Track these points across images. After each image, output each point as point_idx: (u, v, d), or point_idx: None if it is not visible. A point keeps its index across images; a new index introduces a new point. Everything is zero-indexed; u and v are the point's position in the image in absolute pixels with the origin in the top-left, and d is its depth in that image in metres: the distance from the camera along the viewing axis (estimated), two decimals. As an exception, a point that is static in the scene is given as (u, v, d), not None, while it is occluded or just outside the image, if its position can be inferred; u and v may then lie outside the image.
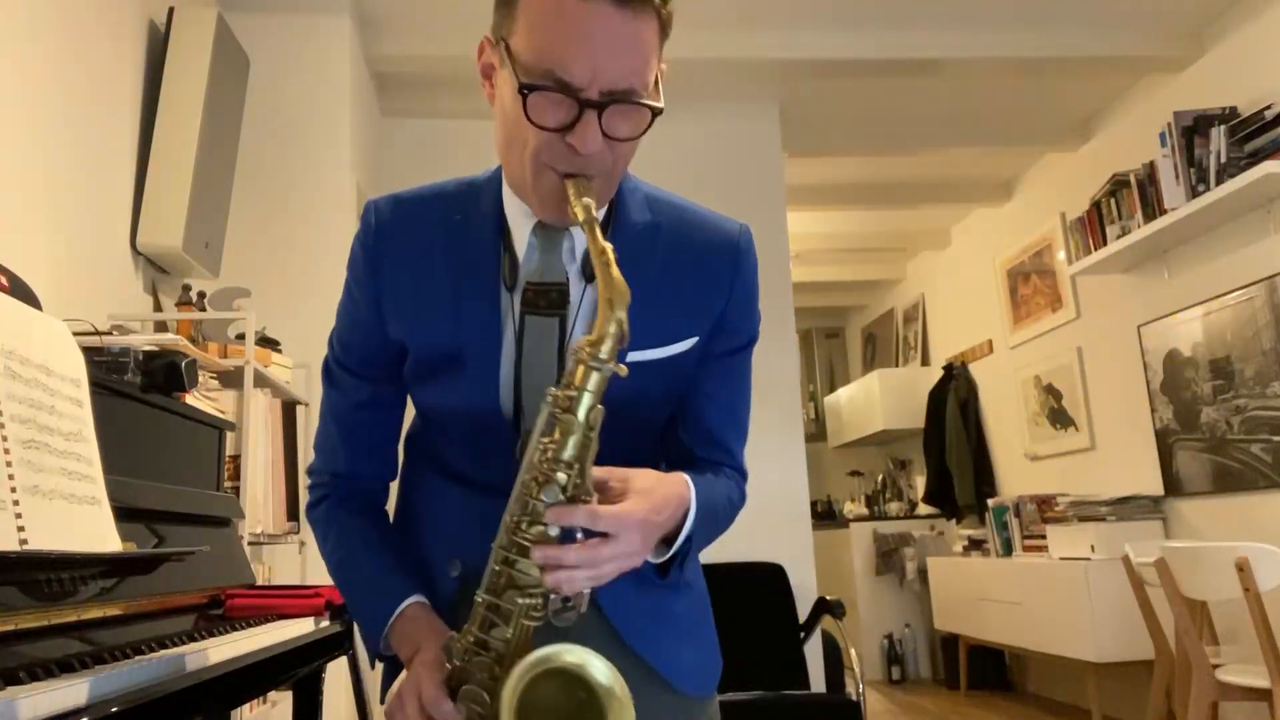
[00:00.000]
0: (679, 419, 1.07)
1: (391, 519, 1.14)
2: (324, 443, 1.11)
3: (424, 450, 1.11)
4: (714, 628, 1.13)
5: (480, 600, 0.87)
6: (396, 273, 1.01)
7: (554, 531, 0.84)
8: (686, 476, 0.95)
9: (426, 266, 1.00)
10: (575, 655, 0.81)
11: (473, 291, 0.99)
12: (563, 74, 0.85)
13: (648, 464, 1.04)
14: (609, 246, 0.84)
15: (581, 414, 0.83)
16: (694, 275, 1.02)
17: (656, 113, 0.90)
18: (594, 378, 0.83)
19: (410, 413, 1.14)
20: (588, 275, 0.98)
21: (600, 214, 0.99)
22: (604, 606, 1.00)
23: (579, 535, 0.84)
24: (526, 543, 0.84)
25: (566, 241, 0.99)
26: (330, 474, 1.10)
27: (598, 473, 0.87)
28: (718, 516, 1.02)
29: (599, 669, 0.80)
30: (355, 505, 1.10)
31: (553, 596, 0.85)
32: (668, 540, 0.95)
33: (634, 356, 0.96)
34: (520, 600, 0.85)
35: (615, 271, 0.83)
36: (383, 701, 1.03)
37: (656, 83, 0.92)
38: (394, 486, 1.16)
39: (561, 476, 0.83)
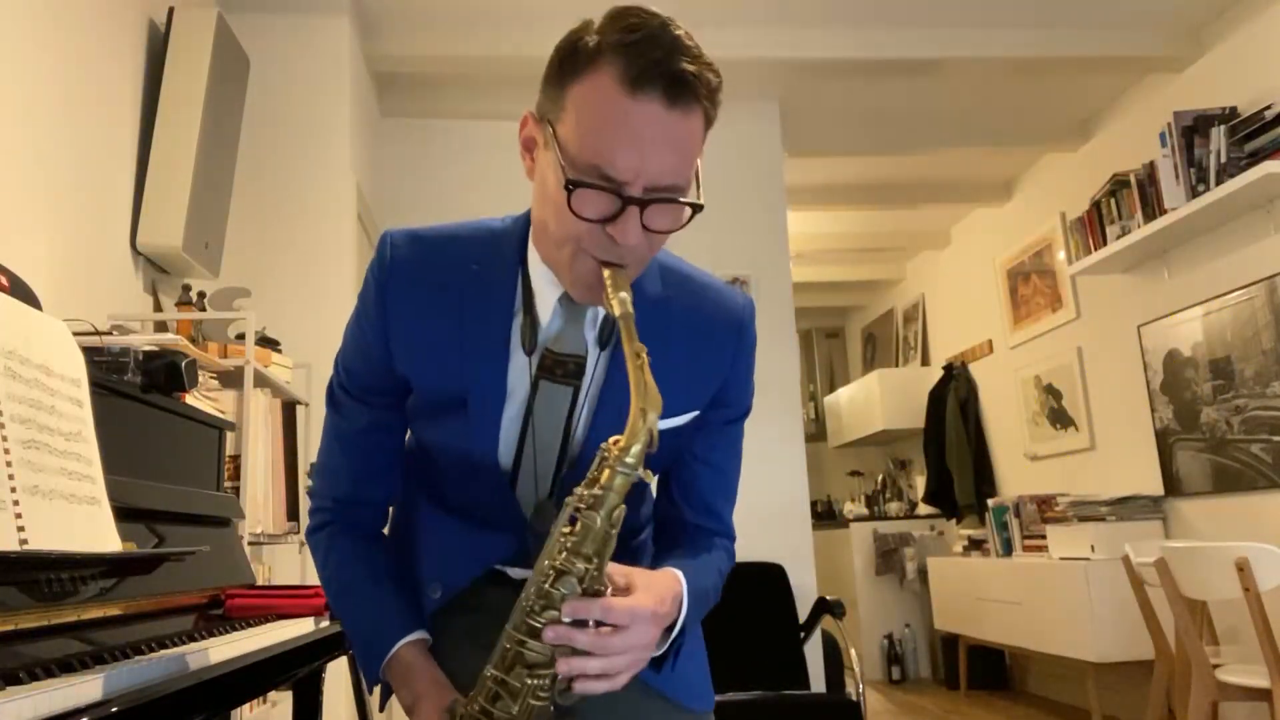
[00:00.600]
0: (673, 485, 1.10)
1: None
2: (326, 466, 1.12)
3: (419, 475, 1.13)
4: (704, 648, 1.16)
5: (489, 675, 0.89)
6: (408, 311, 1.01)
7: (567, 621, 0.85)
8: (677, 571, 0.97)
9: (439, 310, 1.01)
10: None
11: (483, 345, 1.00)
12: (609, 170, 0.86)
13: (638, 529, 1.10)
14: (644, 349, 0.85)
15: (605, 512, 0.84)
16: (700, 350, 1.04)
17: (697, 209, 0.91)
18: (619, 480, 0.84)
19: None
20: (602, 343, 1.01)
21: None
22: None
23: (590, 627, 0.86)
24: (538, 625, 0.85)
25: (590, 312, 1.01)
26: (332, 499, 1.11)
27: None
28: (708, 599, 1.05)
29: None
30: (356, 534, 1.11)
31: (559, 679, 0.86)
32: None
33: None
34: (528, 679, 0.87)
35: (649, 377, 0.84)
36: (381, 709, 1.05)
37: (697, 175, 0.92)
38: None
39: (580, 568, 0.85)
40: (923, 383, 6.22)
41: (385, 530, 1.16)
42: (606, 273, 0.90)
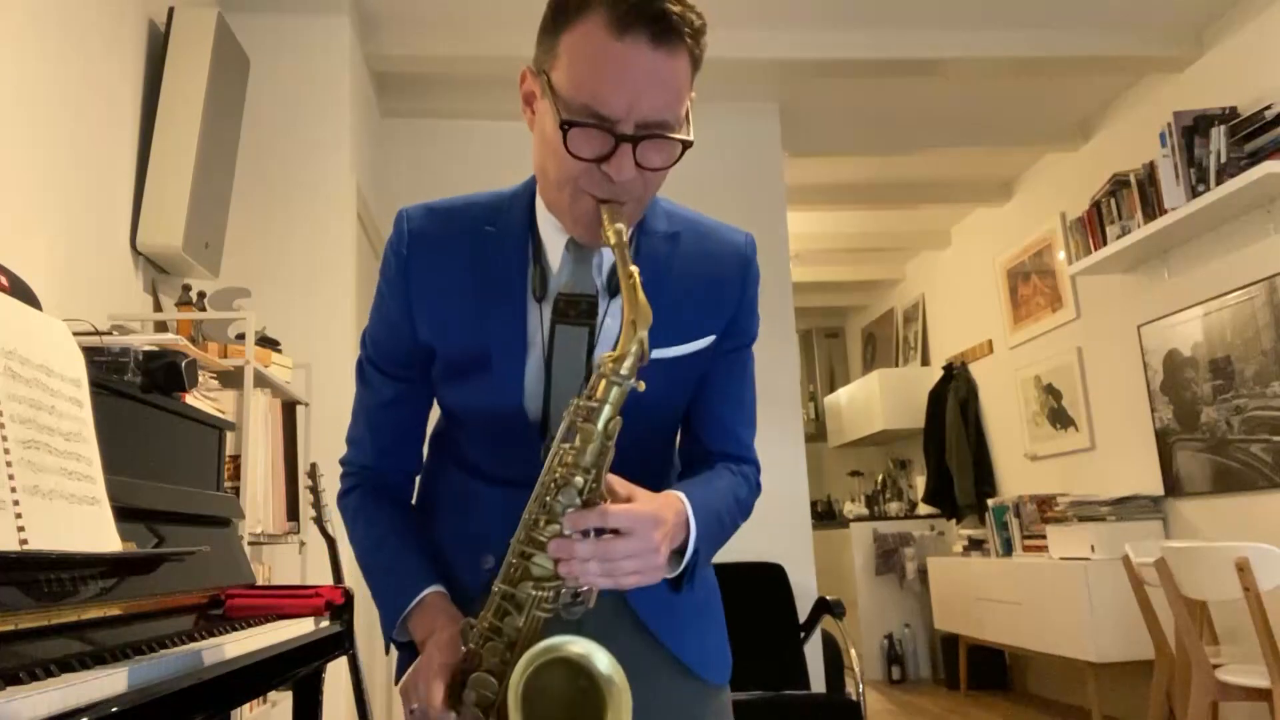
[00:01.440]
0: (692, 417, 1.13)
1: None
2: (355, 437, 1.17)
3: (448, 448, 1.16)
4: (724, 620, 1.18)
5: (496, 590, 0.93)
6: (427, 278, 1.06)
7: (569, 533, 0.88)
8: (678, 492, 0.99)
9: (457, 273, 1.05)
10: (580, 646, 0.86)
11: (502, 299, 1.04)
12: (601, 109, 0.91)
13: (660, 466, 1.13)
14: (636, 270, 0.90)
15: (601, 424, 0.88)
16: (709, 280, 1.09)
17: (687, 145, 0.96)
18: (614, 392, 0.88)
19: (435, 412, 1.18)
20: (612, 291, 1.04)
21: (629, 231, 1.04)
22: (627, 596, 1.05)
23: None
24: (543, 539, 0.89)
25: (596, 258, 1.04)
26: (360, 466, 1.16)
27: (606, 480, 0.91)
28: (723, 521, 1.06)
29: (601, 660, 0.86)
30: (383, 497, 1.15)
31: (564, 590, 0.90)
32: (678, 553, 0.99)
33: (657, 354, 1.01)
34: (533, 591, 0.91)
35: (640, 295, 0.88)
36: (397, 682, 1.08)
37: (687, 115, 0.97)
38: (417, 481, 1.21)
39: (579, 480, 0.88)
40: (923, 383, 6.22)
41: (411, 506, 1.19)
42: (603, 209, 0.94)
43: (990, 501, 4.90)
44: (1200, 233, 3.74)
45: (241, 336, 2.42)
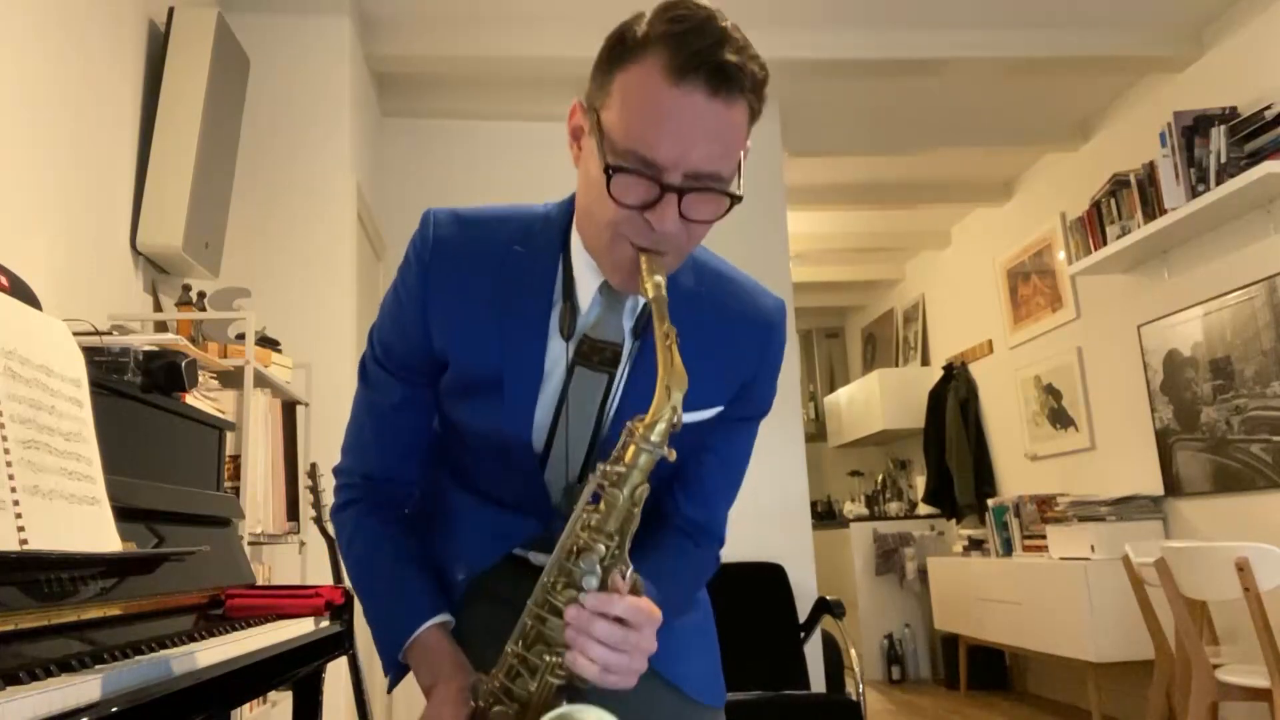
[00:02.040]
0: (679, 477, 1.09)
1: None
2: (355, 442, 1.12)
3: (446, 457, 1.13)
4: (716, 645, 1.18)
5: (509, 650, 0.90)
6: (448, 289, 1.02)
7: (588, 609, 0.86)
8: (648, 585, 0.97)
9: (480, 290, 1.01)
10: (593, 716, 0.83)
11: (523, 327, 1.01)
12: (649, 155, 0.87)
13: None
14: (673, 331, 0.86)
15: (628, 490, 0.85)
16: (728, 346, 1.04)
17: (735, 200, 0.92)
18: (644, 458, 0.85)
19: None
20: (636, 335, 1.01)
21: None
22: None
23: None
24: (559, 604, 0.87)
25: (628, 303, 1.01)
26: (361, 475, 1.11)
27: None
28: (679, 603, 1.06)
29: None
30: (383, 514, 1.11)
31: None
32: None
33: None
34: (547, 657, 0.88)
35: (677, 358, 0.85)
36: (389, 690, 1.08)
37: (739, 168, 0.93)
38: None
39: (601, 548, 0.86)
40: (923, 383, 6.22)
41: (412, 524, 1.16)
42: (643, 258, 0.91)
43: (990, 501, 4.90)
44: (1200, 233, 3.74)
45: (241, 336, 2.42)
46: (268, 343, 2.59)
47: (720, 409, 1.05)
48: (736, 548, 1.22)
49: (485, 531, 1.06)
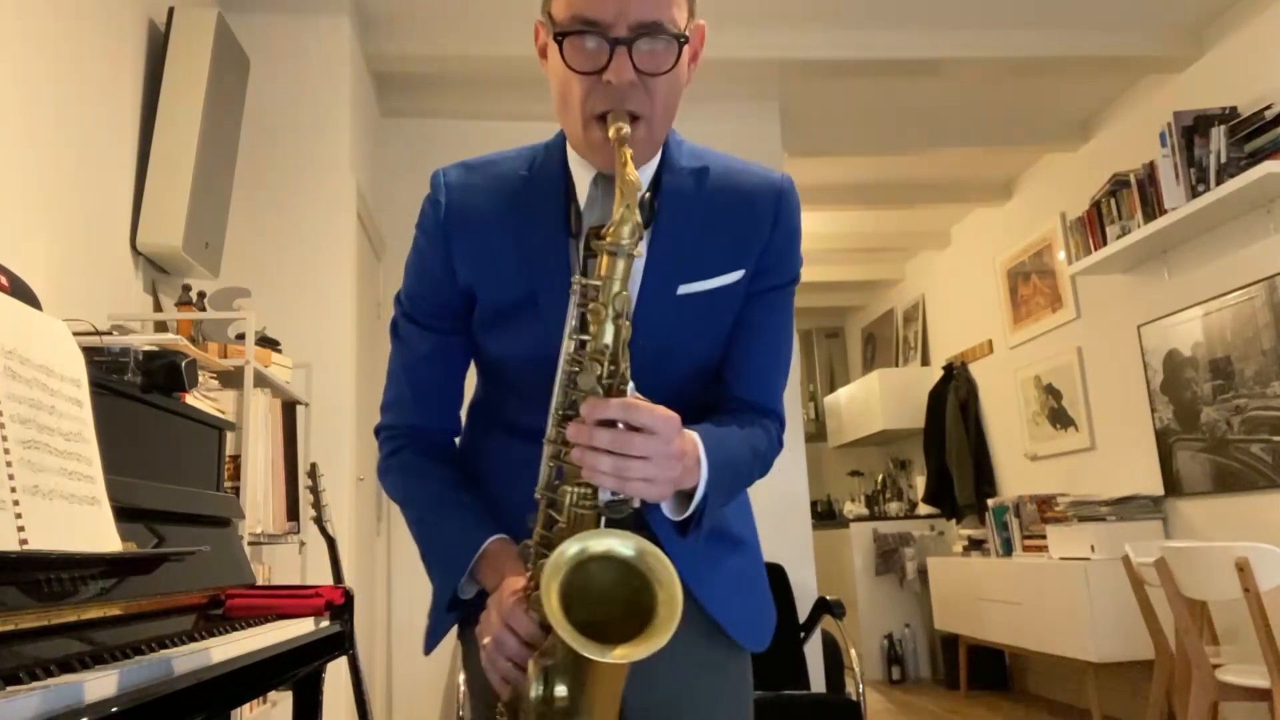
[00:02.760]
0: (723, 361, 1.10)
1: None
2: (395, 400, 1.15)
3: (486, 414, 1.15)
4: (767, 588, 1.17)
5: (539, 497, 0.91)
6: (467, 224, 1.06)
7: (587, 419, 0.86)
8: (693, 433, 0.96)
9: (496, 219, 1.06)
10: (602, 541, 0.82)
11: (543, 241, 1.04)
12: (590, 14, 0.94)
13: (695, 410, 1.07)
14: (629, 152, 0.90)
15: (608, 299, 0.86)
16: (739, 213, 1.07)
17: (683, 41, 0.97)
18: (619, 265, 0.86)
19: (470, 385, 1.17)
20: (645, 221, 1.03)
21: (654, 164, 1.06)
22: (666, 548, 1.03)
23: None
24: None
25: None
26: (406, 425, 1.14)
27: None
28: (737, 471, 1.03)
29: (623, 546, 0.82)
30: (432, 454, 1.14)
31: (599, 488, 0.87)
32: (685, 497, 0.97)
33: (685, 289, 1.02)
34: (571, 489, 0.88)
35: (630, 169, 0.89)
36: (427, 652, 1.10)
37: (690, 18, 0.99)
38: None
39: (597, 365, 0.86)
40: (923, 383, 6.22)
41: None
42: (609, 116, 0.95)
43: (990, 501, 4.90)
44: (1200, 233, 3.74)
45: (241, 336, 2.42)
46: (268, 343, 2.59)
47: (742, 272, 1.05)
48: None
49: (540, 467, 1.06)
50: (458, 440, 1.19)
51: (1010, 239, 5.28)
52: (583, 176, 1.04)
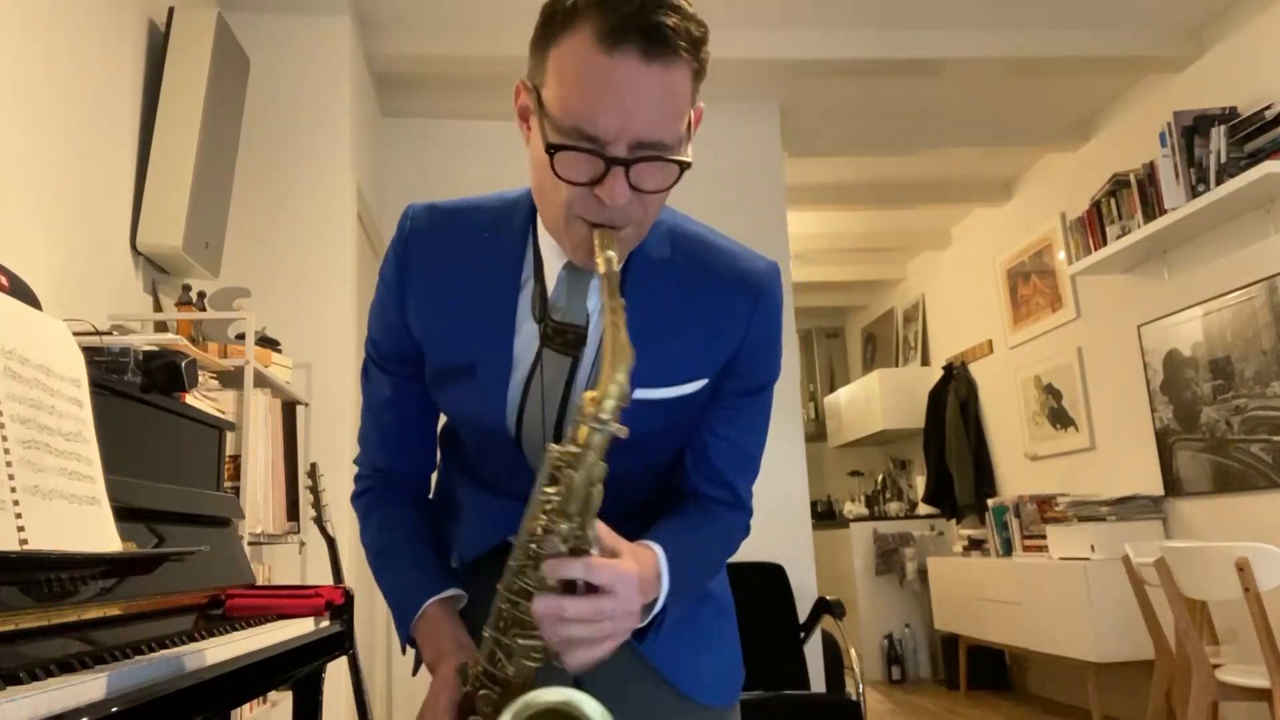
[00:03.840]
0: (687, 453, 1.07)
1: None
2: (363, 437, 1.15)
3: (448, 445, 1.16)
4: (736, 637, 1.15)
5: (487, 635, 0.89)
6: (422, 279, 1.03)
7: (553, 584, 0.83)
8: (654, 546, 0.94)
9: (451, 278, 1.02)
10: (560, 695, 0.81)
11: (492, 313, 1.00)
12: (589, 129, 0.84)
13: (657, 504, 1.06)
14: (622, 304, 0.84)
15: (583, 472, 0.82)
16: (708, 314, 1.00)
17: (684, 167, 0.89)
18: (596, 438, 0.81)
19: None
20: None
21: (622, 260, 0.99)
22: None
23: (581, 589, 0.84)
24: (529, 588, 0.84)
25: (593, 282, 0.98)
26: (371, 468, 1.15)
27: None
28: (699, 571, 1.03)
29: (589, 706, 0.80)
30: (396, 497, 1.14)
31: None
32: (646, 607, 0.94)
33: (641, 394, 0.95)
34: (521, 641, 0.86)
35: (623, 333, 0.82)
36: (414, 673, 1.10)
37: (689, 130, 0.91)
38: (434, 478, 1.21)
39: (564, 528, 0.82)
40: (923, 383, 6.22)
41: (426, 506, 1.18)
42: (596, 234, 0.89)
43: (990, 501, 4.90)
44: (1200, 233, 3.74)
45: (241, 336, 2.42)
46: (268, 343, 2.59)
47: (704, 382, 1.01)
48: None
49: (482, 518, 1.06)
50: (433, 476, 1.19)
51: (1010, 239, 5.28)
52: (553, 259, 0.99)
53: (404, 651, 1.10)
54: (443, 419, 1.18)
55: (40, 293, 1.45)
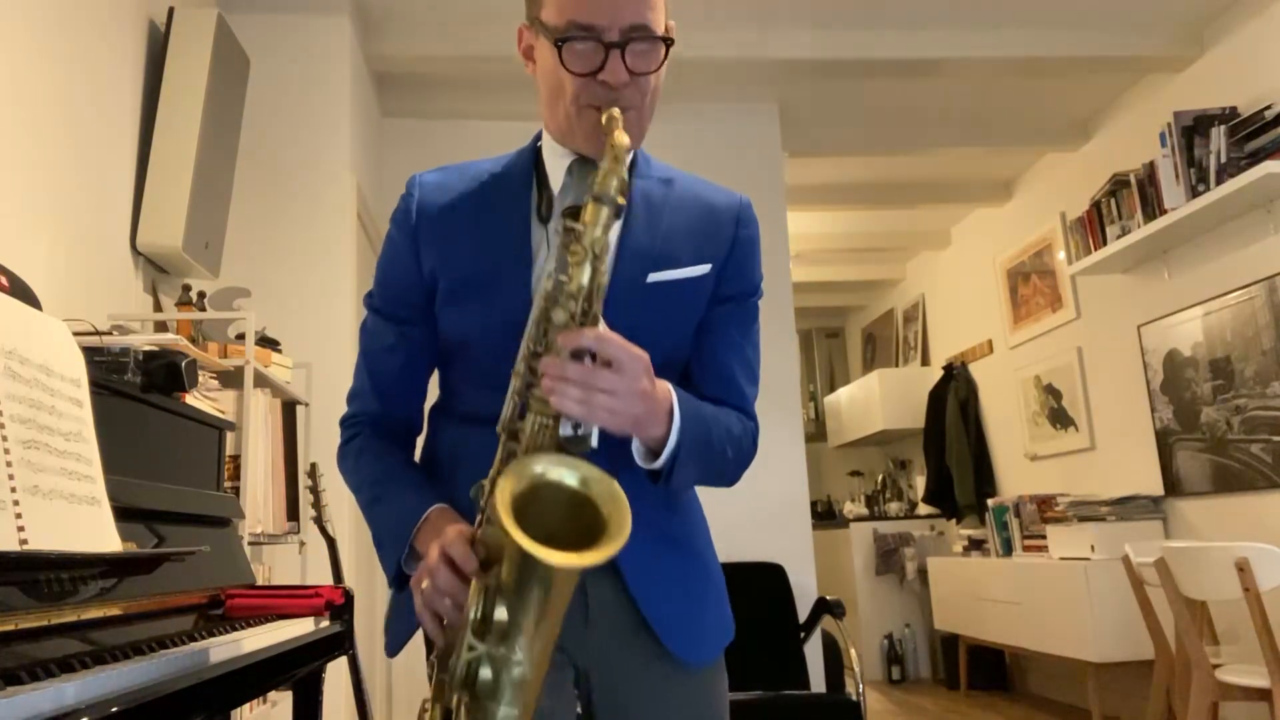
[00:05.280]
0: (692, 364, 1.14)
1: None
2: (357, 390, 1.20)
3: (445, 408, 1.18)
4: (725, 597, 1.17)
5: (499, 432, 0.93)
6: (435, 213, 1.12)
7: (560, 350, 0.89)
8: (669, 385, 1.00)
9: (463, 207, 1.12)
10: (554, 467, 0.86)
11: (505, 223, 1.10)
12: (586, 20, 1.00)
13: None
14: (619, 117, 0.96)
15: (588, 244, 0.89)
16: (704, 217, 1.14)
17: (669, 44, 1.05)
18: (603, 212, 0.89)
19: (433, 389, 1.20)
20: (616, 213, 1.05)
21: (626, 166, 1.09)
22: (621, 568, 1.06)
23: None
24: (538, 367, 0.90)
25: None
26: (365, 414, 1.19)
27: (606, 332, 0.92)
28: (710, 434, 1.05)
29: (569, 473, 0.85)
30: (387, 439, 1.17)
31: (563, 421, 0.90)
32: (655, 453, 0.99)
33: (654, 277, 1.07)
34: (532, 420, 0.90)
35: (619, 132, 0.93)
36: (390, 654, 1.10)
37: (669, 29, 1.06)
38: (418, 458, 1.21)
39: (572, 304, 0.89)
40: (923, 383, 6.22)
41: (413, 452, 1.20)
42: (603, 114, 0.99)
43: (990, 501, 4.90)
44: (1200, 233, 3.74)
45: (241, 336, 2.42)
46: (268, 343, 2.59)
47: (709, 266, 1.11)
48: (736, 548, 1.22)
49: (493, 454, 1.06)
50: (420, 440, 1.21)
51: (1010, 239, 5.28)
52: (556, 165, 1.10)
53: (391, 585, 1.08)
54: (427, 407, 1.19)
55: (40, 293, 1.45)
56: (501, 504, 0.80)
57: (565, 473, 0.86)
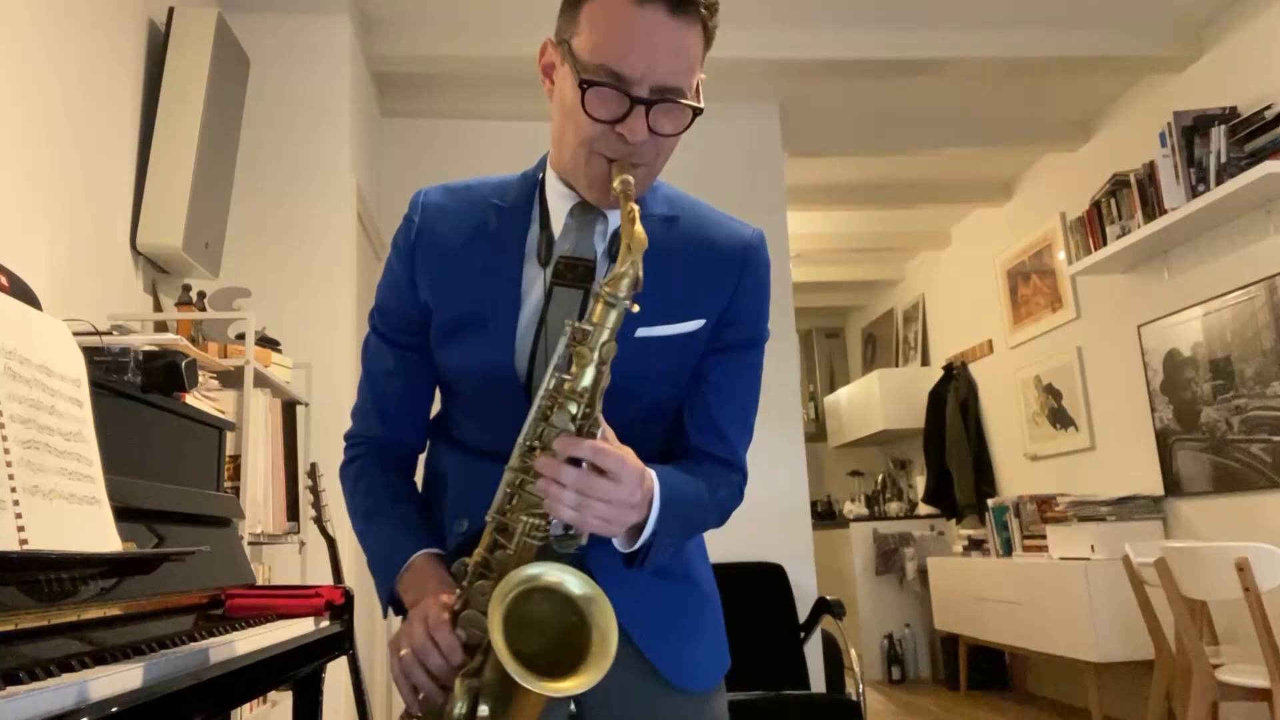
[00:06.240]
0: (686, 410, 1.12)
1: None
2: (359, 410, 1.19)
3: (443, 430, 1.18)
4: (721, 623, 1.17)
5: (490, 519, 0.94)
6: (433, 242, 1.10)
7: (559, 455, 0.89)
8: (653, 475, 0.98)
9: (461, 238, 1.09)
10: (554, 574, 0.87)
11: (498, 260, 1.07)
12: (618, 69, 0.95)
13: (654, 449, 1.10)
14: (636, 208, 0.93)
15: (595, 345, 0.89)
16: (704, 266, 1.08)
17: (697, 113, 1.00)
18: (612, 315, 0.89)
19: (434, 404, 1.20)
20: (612, 256, 1.05)
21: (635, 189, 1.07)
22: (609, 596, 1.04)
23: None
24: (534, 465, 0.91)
25: (600, 225, 1.07)
26: (364, 437, 1.18)
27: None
28: (689, 512, 1.04)
29: (574, 583, 0.87)
30: (384, 465, 1.17)
31: (554, 521, 0.91)
32: (636, 531, 0.99)
33: (643, 332, 1.03)
34: (525, 518, 0.91)
35: (638, 226, 0.91)
36: (385, 615, 1.12)
37: (698, 90, 1.02)
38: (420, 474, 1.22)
39: (573, 407, 0.89)
40: (923, 383, 6.22)
41: (413, 478, 1.21)
42: (614, 165, 0.98)
43: (990, 501, 4.90)
44: (1200, 233, 3.74)
45: (241, 336, 2.42)
46: (268, 343, 2.58)
47: (702, 322, 1.07)
48: (736, 548, 1.22)
49: (483, 483, 1.05)
50: (422, 456, 1.22)
51: (1010, 239, 5.28)
52: (560, 205, 1.07)
53: (385, 614, 1.12)
54: (434, 410, 1.20)
55: (40, 293, 1.45)
56: (494, 621, 0.83)
57: (560, 583, 0.88)
